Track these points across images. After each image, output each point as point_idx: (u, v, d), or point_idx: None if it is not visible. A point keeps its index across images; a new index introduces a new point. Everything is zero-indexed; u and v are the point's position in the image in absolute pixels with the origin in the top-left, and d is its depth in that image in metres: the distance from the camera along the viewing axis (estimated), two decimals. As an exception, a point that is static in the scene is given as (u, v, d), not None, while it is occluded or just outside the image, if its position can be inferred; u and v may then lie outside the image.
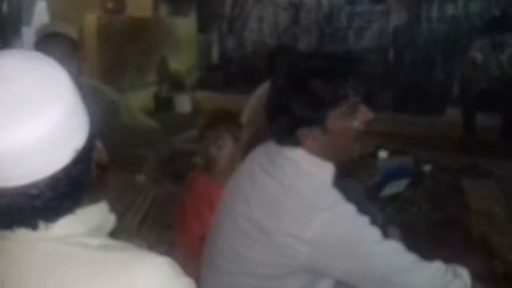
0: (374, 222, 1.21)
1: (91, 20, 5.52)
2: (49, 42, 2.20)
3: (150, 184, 2.70)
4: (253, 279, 1.23)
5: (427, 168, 1.97)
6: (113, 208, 0.90)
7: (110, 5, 5.72)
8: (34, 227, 0.74)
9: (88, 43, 5.25)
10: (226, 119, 2.03)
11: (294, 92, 1.21)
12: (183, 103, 6.17)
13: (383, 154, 2.31)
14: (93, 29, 5.48)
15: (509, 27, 4.76)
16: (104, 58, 5.32)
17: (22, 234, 0.75)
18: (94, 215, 0.81)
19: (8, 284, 0.74)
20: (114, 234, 0.88)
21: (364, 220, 1.18)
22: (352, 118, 1.23)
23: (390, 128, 4.88)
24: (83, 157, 0.76)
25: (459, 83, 5.40)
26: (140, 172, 2.74)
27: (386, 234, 1.24)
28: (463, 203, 3.45)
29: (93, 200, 0.83)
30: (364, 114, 1.24)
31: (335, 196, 1.20)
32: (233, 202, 1.33)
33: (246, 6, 6.54)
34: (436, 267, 1.22)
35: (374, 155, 2.36)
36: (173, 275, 0.77)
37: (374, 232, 1.18)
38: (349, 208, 1.18)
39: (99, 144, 0.83)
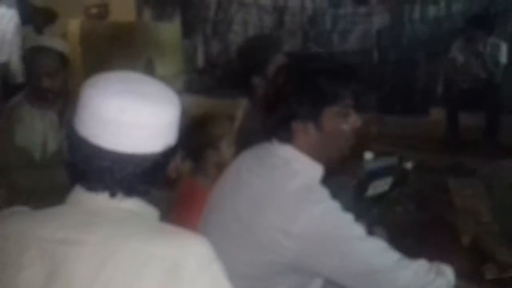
0: (360, 221, 1.23)
1: (74, 25, 5.49)
2: (36, 55, 2.20)
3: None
4: (241, 281, 1.23)
5: (409, 165, 1.97)
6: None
7: (93, 10, 5.70)
8: (113, 195, 0.91)
9: (71, 48, 5.21)
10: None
11: (295, 87, 1.27)
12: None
13: (368, 155, 2.32)
14: (76, 35, 5.46)
15: (491, 26, 4.83)
16: (88, 63, 5.29)
17: (99, 200, 0.92)
18: (153, 212, 0.97)
19: (79, 235, 0.87)
20: None
21: (349, 217, 1.20)
22: (344, 121, 1.27)
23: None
24: (167, 155, 0.95)
25: (442, 83, 5.46)
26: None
27: (372, 234, 1.26)
28: (448, 202, 3.48)
29: None
30: (354, 120, 1.29)
31: (321, 193, 1.23)
32: (219, 203, 1.35)
33: (230, 10, 6.55)
34: (419, 265, 1.24)
35: (360, 157, 2.37)
36: (214, 254, 0.91)
37: (358, 229, 1.20)
38: (334, 205, 1.20)
39: (178, 158, 0.99)
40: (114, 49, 5.50)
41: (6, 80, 4.38)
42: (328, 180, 1.31)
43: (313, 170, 1.29)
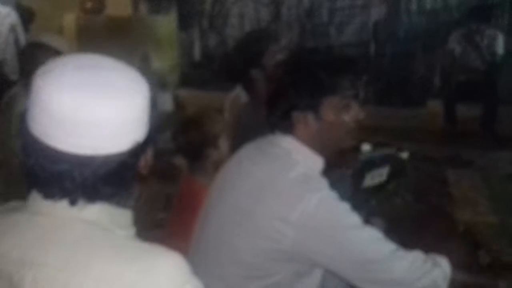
0: (358, 212, 1.23)
1: (70, 20, 5.47)
2: (33, 51, 2.19)
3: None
4: (241, 269, 1.24)
5: (404, 155, 1.97)
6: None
7: (88, 4, 5.67)
8: (73, 202, 0.80)
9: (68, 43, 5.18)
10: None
11: (293, 78, 1.29)
12: (166, 102, 6.13)
13: (366, 147, 2.32)
14: (72, 30, 5.43)
15: (488, 17, 4.83)
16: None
17: (58, 210, 0.81)
18: (121, 217, 0.86)
19: (37, 256, 0.78)
20: None
21: (346, 206, 1.21)
22: (344, 112, 1.28)
23: (372, 121, 4.90)
24: (137, 153, 0.83)
25: (439, 75, 5.46)
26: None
27: (370, 225, 1.26)
28: (447, 193, 3.50)
29: None
30: (356, 112, 1.29)
31: (320, 182, 1.24)
32: (220, 193, 1.36)
33: (226, 3, 6.53)
34: (415, 256, 1.24)
35: (357, 149, 2.38)
36: (189, 272, 0.82)
37: (355, 218, 1.20)
38: (332, 194, 1.21)
39: (149, 153, 0.87)
40: (110, 43, 5.45)
41: (1, 78, 4.36)
42: (327, 172, 1.31)
43: (313, 162, 1.30)
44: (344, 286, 1.32)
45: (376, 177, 1.77)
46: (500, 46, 4.77)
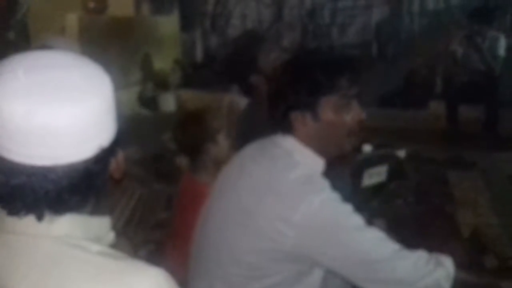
0: (360, 214, 1.22)
1: (73, 20, 5.47)
2: None
3: (135, 184, 2.69)
4: (242, 269, 1.24)
5: (402, 153, 1.96)
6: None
7: (91, 4, 5.68)
8: (40, 217, 0.74)
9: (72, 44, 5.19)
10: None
11: (291, 78, 1.28)
12: (167, 102, 6.14)
13: (367, 148, 2.32)
14: (75, 29, 5.44)
15: (490, 19, 4.82)
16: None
17: (25, 227, 0.75)
18: (96, 226, 0.80)
19: (6, 280, 0.74)
20: None
21: (348, 207, 1.20)
22: (344, 112, 1.27)
23: (374, 122, 4.91)
24: (104, 158, 0.77)
25: (441, 76, 5.46)
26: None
27: (372, 226, 1.26)
28: (448, 194, 3.49)
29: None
30: (356, 112, 1.28)
31: (322, 183, 1.23)
32: (221, 193, 1.36)
33: (228, 4, 6.53)
34: (419, 256, 1.24)
35: (358, 149, 2.38)
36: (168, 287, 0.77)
37: (358, 219, 1.20)
38: (334, 195, 1.21)
39: (120, 155, 0.82)
40: (112, 43, 5.49)
41: None
42: (326, 171, 1.31)
43: (314, 162, 1.29)
44: (346, 286, 1.32)
45: (375, 176, 1.76)
46: (502, 48, 4.77)
